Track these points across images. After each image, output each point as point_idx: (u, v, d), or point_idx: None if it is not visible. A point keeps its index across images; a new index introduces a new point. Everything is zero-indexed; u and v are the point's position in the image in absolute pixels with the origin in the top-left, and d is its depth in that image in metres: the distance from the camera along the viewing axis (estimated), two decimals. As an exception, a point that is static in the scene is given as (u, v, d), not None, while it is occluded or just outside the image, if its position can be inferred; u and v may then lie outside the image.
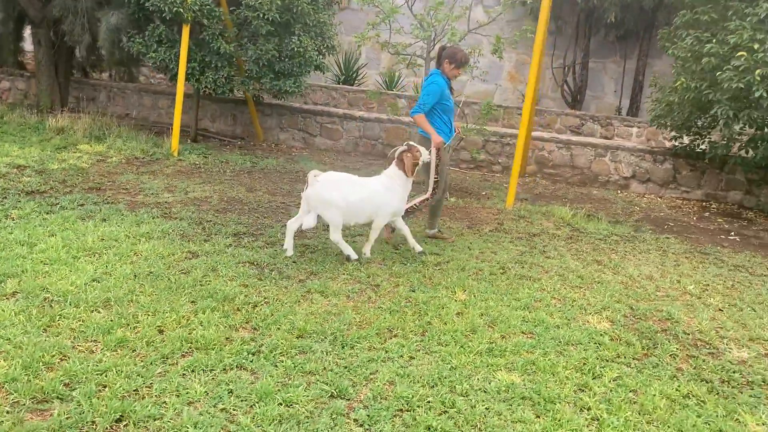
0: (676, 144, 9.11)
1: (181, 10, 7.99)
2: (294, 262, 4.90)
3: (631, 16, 12.80)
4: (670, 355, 3.90)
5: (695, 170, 9.24)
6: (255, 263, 4.80)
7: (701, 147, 8.77)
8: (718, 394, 3.47)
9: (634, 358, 3.81)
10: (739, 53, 6.85)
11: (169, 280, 4.24)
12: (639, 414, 3.17)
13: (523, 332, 4.02)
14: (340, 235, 5.00)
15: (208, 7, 8.25)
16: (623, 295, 4.89)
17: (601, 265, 5.63)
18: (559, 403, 3.18)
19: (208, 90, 8.88)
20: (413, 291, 4.53)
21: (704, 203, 9.05)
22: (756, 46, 6.72)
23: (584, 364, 3.65)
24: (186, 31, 8.25)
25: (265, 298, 4.14)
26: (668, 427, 3.08)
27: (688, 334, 4.25)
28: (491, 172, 10.02)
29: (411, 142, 5.35)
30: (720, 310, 4.78)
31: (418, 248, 5.41)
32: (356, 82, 14.62)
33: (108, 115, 10.10)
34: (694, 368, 3.76)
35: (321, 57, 9.43)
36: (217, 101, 10.98)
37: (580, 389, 3.36)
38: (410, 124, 9.76)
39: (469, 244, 5.86)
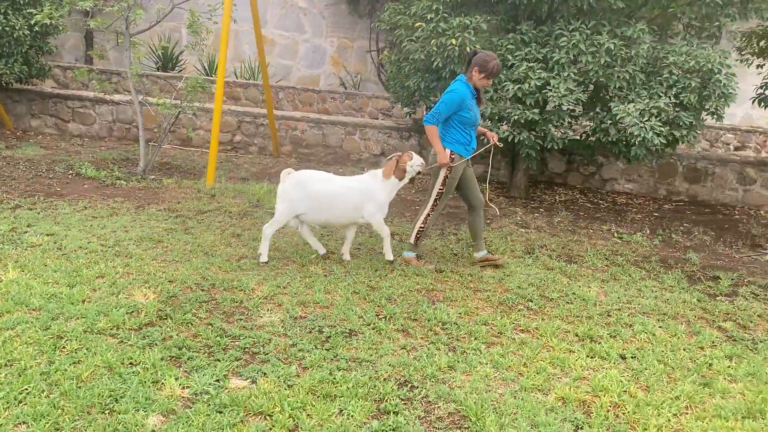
0: (412, 119, 9.21)
1: None
2: None
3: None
4: (180, 323, 3.79)
5: (440, 145, 9.35)
6: None
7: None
8: (176, 360, 3.36)
9: (130, 329, 3.66)
10: (417, 24, 6.90)
11: None
12: (50, 386, 3.00)
13: (33, 309, 3.80)
14: (271, 232, 5.04)
15: None
16: (214, 267, 4.78)
17: (235, 238, 5.52)
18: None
19: None
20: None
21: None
22: (431, 16, 6.78)
23: (58, 338, 3.47)
24: None
25: None
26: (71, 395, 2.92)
27: (237, 302, 4.19)
28: (248, 153, 9.83)
29: (412, 152, 5.17)
30: (308, 278, 4.74)
31: (347, 257, 5.27)
32: (177, 68, 13.95)
33: None
34: (191, 336, 3.65)
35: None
36: (-39, 88, 10.21)
37: (7, 364, 3.17)
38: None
39: (127, 224, 5.63)
